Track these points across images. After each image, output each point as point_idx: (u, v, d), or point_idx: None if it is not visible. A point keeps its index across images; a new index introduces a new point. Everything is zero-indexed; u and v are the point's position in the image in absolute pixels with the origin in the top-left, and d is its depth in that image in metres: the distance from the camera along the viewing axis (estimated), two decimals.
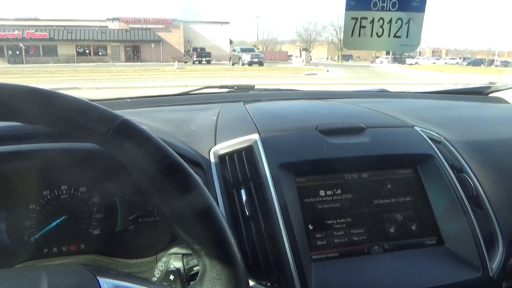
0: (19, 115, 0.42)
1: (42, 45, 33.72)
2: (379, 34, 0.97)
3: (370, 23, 0.96)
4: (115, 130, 0.44)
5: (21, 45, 31.28)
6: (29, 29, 32.86)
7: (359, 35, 0.97)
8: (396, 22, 0.96)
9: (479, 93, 1.60)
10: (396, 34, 0.97)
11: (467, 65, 41.99)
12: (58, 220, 0.76)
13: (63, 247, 0.78)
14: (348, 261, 0.72)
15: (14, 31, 32.44)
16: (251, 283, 0.66)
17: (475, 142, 0.95)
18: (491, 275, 0.72)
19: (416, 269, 0.71)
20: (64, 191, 0.78)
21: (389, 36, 0.97)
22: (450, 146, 0.91)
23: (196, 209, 0.45)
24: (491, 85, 1.60)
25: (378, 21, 0.96)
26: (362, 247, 0.74)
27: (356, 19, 0.97)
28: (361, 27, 0.97)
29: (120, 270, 0.76)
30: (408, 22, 0.97)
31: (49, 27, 34.13)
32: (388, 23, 0.96)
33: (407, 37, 0.98)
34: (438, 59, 53.03)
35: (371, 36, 0.97)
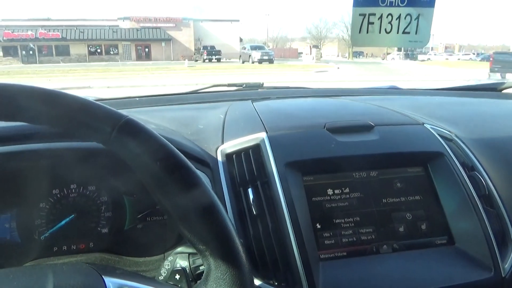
0: (23, 115, 0.43)
1: (54, 45, 34.19)
2: (388, 30, 0.95)
3: (379, 19, 0.94)
4: (119, 130, 0.44)
5: (31, 45, 31.71)
6: (42, 29, 33.35)
7: (367, 32, 0.96)
8: (405, 18, 0.94)
9: (492, 90, 1.56)
10: (405, 30, 0.95)
11: (480, 60, 41.21)
12: (68, 219, 0.77)
13: (72, 245, 0.79)
14: (356, 261, 0.71)
15: (27, 31, 32.97)
16: (258, 282, 0.66)
17: (487, 139, 0.93)
18: (503, 276, 0.71)
19: (426, 269, 0.70)
20: (73, 190, 0.79)
21: (398, 32, 0.95)
22: (462, 144, 0.89)
23: (200, 206, 0.44)
24: (505, 81, 1.57)
25: (387, 17, 0.94)
26: (371, 246, 0.73)
27: (364, 15, 0.95)
28: (369, 23, 0.95)
29: (128, 268, 0.77)
30: (417, 17, 0.95)
31: (61, 27, 34.61)
32: (396, 19, 0.94)
33: (416, 33, 0.96)
34: (451, 54, 52.17)
35: (380, 32, 0.96)
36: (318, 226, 0.73)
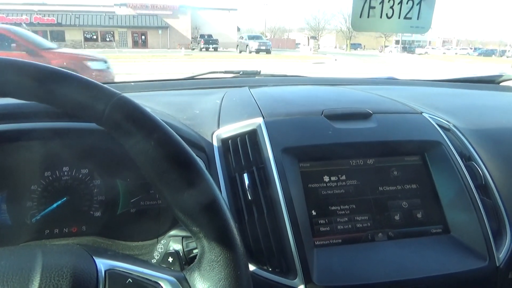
0: (12, 91, 0.41)
1: (49, 30, 33.72)
2: (389, 15, 0.93)
3: (380, 3, 0.92)
4: (112, 108, 0.42)
5: (24, 25, 31.12)
6: (37, 14, 32.87)
7: (368, 16, 0.94)
8: (407, 3, 0.92)
9: (491, 82, 1.56)
10: (407, 16, 0.93)
11: (478, 55, 41.35)
12: (59, 202, 0.76)
13: (64, 229, 0.78)
14: (351, 248, 0.71)
15: (22, 16, 32.47)
16: (252, 267, 0.66)
17: (485, 130, 0.93)
18: (497, 265, 0.71)
19: (421, 257, 0.70)
20: (65, 173, 0.78)
21: (399, 18, 0.93)
22: (459, 134, 0.89)
23: (202, 201, 0.43)
24: (503, 74, 1.56)
25: (389, 1, 0.92)
26: (366, 234, 0.73)
27: None
28: (370, 7, 0.93)
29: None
30: (419, 2, 0.93)
31: (56, 12, 34.11)
32: (398, 3, 0.92)
33: (418, 18, 0.94)
34: (449, 49, 52.21)
35: (381, 17, 0.93)
36: (314, 213, 0.72)
